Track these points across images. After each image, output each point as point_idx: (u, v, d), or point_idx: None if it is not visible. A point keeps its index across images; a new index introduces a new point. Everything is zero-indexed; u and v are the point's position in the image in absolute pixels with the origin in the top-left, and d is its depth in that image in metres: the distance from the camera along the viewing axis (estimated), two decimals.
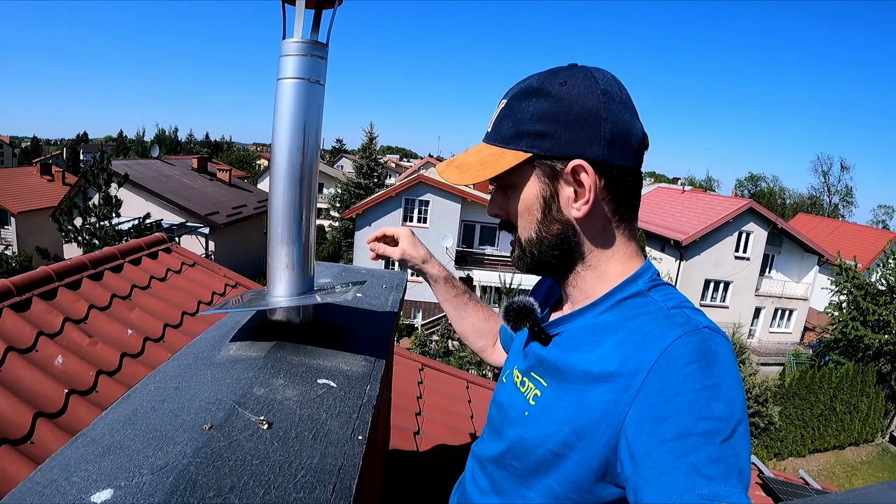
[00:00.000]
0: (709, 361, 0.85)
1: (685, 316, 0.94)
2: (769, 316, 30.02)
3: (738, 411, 0.81)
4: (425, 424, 3.38)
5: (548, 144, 1.01)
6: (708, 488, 0.72)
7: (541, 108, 1.01)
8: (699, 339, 0.88)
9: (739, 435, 0.79)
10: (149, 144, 56.18)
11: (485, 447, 1.25)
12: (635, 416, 0.86)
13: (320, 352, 1.31)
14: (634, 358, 0.90)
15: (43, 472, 0.83)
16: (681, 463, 0.76)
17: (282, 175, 1.28)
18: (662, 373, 0.86)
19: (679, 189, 38.26)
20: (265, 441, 0.94)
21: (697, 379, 0.83)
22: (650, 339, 0.91)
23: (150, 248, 4.09)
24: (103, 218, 18.03)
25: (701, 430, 0.78)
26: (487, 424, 1.31)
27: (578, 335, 1.06)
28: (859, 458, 20.95)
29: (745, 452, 0.79)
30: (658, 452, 0.79)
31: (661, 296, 1.02)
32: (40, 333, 2.75)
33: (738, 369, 0.89)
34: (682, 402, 0.81)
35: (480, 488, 1.23)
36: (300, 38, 1.26)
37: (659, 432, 0.81)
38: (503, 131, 1.05)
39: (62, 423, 2.40)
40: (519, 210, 1.09)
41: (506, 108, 1.06)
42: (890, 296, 22.67)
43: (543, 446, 1.02)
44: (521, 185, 1.06)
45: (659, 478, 0.77)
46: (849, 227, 41.35)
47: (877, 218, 69.25)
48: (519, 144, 1.03)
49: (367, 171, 36.85)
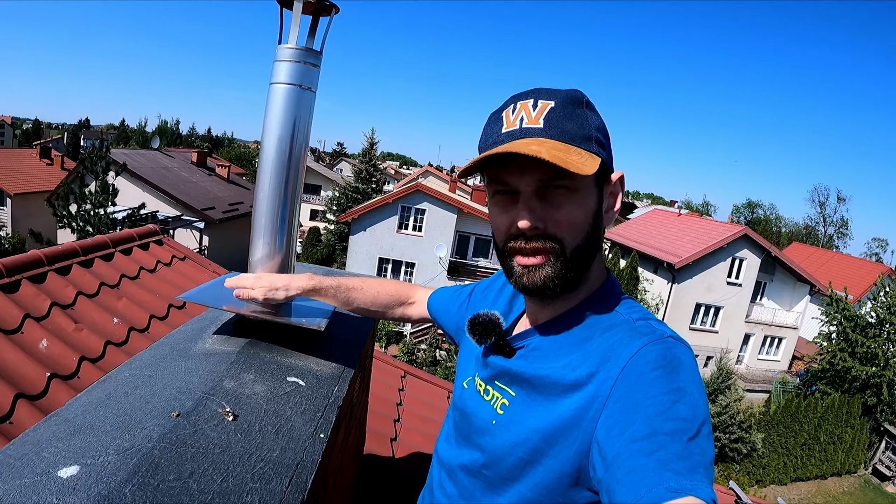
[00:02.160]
0: (673, 367, 0.90)
1: (650, 327, 0.99)
2: (758, 343, 30.00)
3: (701, 413, 0.85)
4: (403, 431, 3.40)
5: (605, 154, 1.05)
6: (675, 482, 0.75)
7: (596, 121, 1.05)
8: (664, 347, 0.93)
9: (704, 434, 0.83)
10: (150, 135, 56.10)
11: (453, 454, 1.26)
12: (606, 420, 0.90)
13: (293, 351, 1.35)
14: (603, 367, 0.95)
15: (15, 447, 0.87)
16: (649, 460, 0.79)
17: (267, 179, 1.32)
18: (630, 378, 0.90)
19: (675, 212, 38.34)
20: (229, 432, 0.97)
21: (663, 383, 0.88)
22: (618, 348, 0.95)
23: (142, 239, 4.11)
24: (99, 206, 17.98)
25: (668, 430, 0.82)
26: (452, 428, 1.31)
27: (545, 347, 1.09)
28: (841, 489, 20.96)
29: (709, 450, 0.83)
30: (627, 452, 0.82)
31: (626, 309, 1.07)
32: (27, 316, 2.77)
33: (700, 375, 0.94)
34: (650, 404, 0.85)
35: (449, 496, 1.24)
36: (294, 45, 1.30)
37: (628, 433, 0.84)
38: (570, 131, 1.00)
39: (42, 406, 2.41)
40: (576, 216, 1.03)
41: (561, 109, 1.01)
42: (879, 328, 22.76)
43: (514, 454, 1.04)
44: (583, 190, 1.03)
45: (629, 475, 0.80)
46: (842, 259, 41.47)
47: (870, 250, 69.52)
48: (591, 147, 1.02)
49: (366, 176, 36.74)
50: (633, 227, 35.47)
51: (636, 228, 34.20)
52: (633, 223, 36.87)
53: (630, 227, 35.74)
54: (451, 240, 26.96)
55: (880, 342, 22.31)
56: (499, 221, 1.08)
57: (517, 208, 1.03)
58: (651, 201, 61.64)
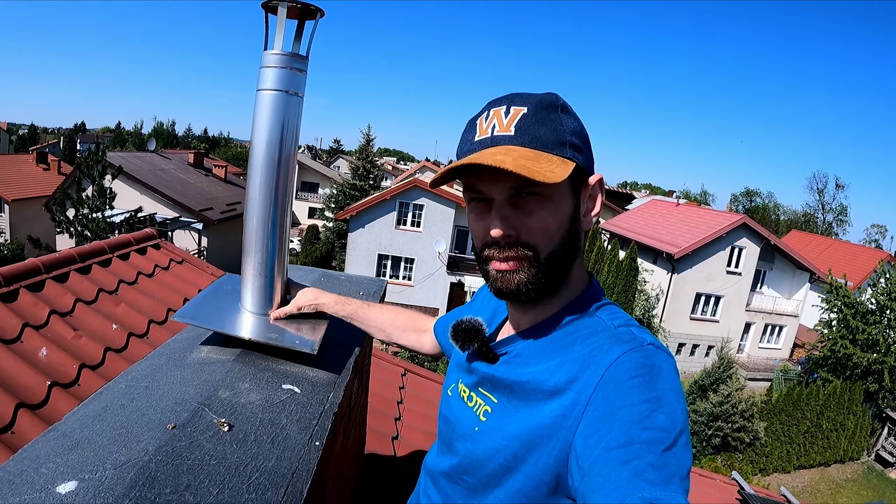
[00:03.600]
0: (652, 375, 0.89)
1: (631, 334, 0.99)
2: (759, 331, 30.06)
3: (679, 422, 0.85)
4: (404, 430, 3.41)
5: (582, 158, 1.04)
6: (649, 492, 0.75)
7: (573, 124, 1.04)
8: (644, 355, 0.92)
9: (681, 445, 0.83)
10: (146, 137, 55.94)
11: (436, 461, 1.27)
12: (584, 429, 0.90)
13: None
14: (583, 374, 0.94)
15: (14, 463, 0.88)
16: (624, 469, 0.79)
17: (257, 187, 1.32)
18: (609, 386, 0.90)
19: (674, 202, 38.30)
20: (224, 443, 0.98)
21: (641, 392, 0.87)
22: (597, 355, 0.95)
23: (140, 243, 4.10)
24: (96, 210, 17.97)
25: (644, 439, 0.81)
26: (438, 438, 1.32)
27: (527, 353, 1.09)
28: (844, 476, 21.02)
29: (686, 460, 0.83)
30: (603, 461, 0.82)
31: (608, 315, 1.06)
32: (26, 325, 2.77)
33: (680, 383, 0.93)
34: (627, 413, 0.85)
35: (433, 502, 1.25)
36: (280, 51, 1.30)
37: (605, 442, 0.84)
38: (541, 137, 1.01)
39: (43, 415, 2.42)
40: (549, 222, 1.02)
41: (533, 115, 1.02)
42: (879, 315, 22.81)
43: (494, 460, 1.04)
44: (557, 196, 1.02)
45: (604, 485, 0.80)
46: (841, 246, 41.43)
47: (870, 237, 69.43)
48: (564, 152, 1.01)
49: (364, 173, 36.70)
50: (631, 217, 35.47)
51: (634, 219, 34.20)
52: (632, 214, 36.87)
53: (628, 217, 35.73)
54: (450, 235, 26.97)
55: (881, 329, 22.36)
56: (475, 228, 1.09)
57: (490, 216, 1.04)
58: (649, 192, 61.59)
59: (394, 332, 1.62)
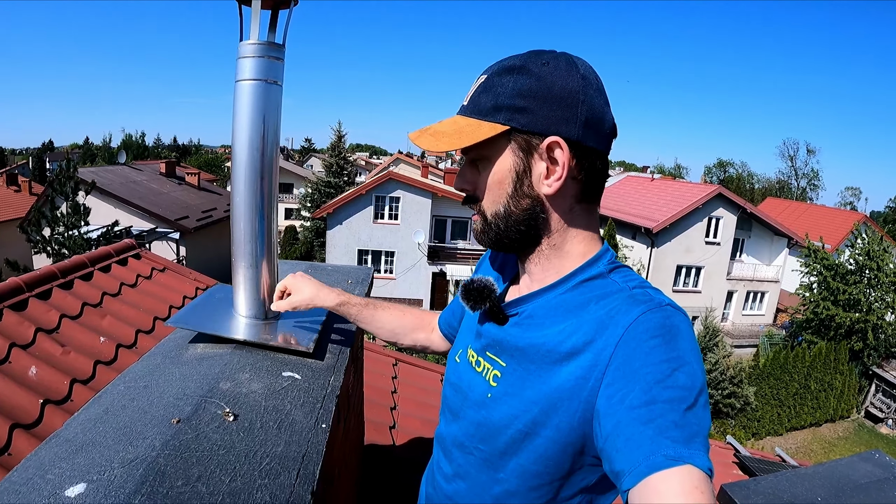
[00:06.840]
0: (672, 335, 0.90)
1: (647, 295, 0.98)
2: (741, 299, 30.37)
3: (699, 382, 0.86)
4: (401, 418, 3.41)
5: (525, 119, 1.01)
6: (672, 450, 0.78)
7: (521, 84, 1.01)
8: (662, 316, 0.92)
9: (701, 404, 0.85)
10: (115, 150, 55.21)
11: (447, 431, 1.26)
12: (606, 389, 0.90)
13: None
14: (601, 334, 0.94)
15: (19, 472, 0.87)
16: (647, 428, 0.81)
17: (242, 176, 1.32)
18: (629, 346, 0.90)
19: (648, 177, 38.55)
20: (231, 432, 0.98)
21: (662, 351, 0.88)
22: (615, 315, 0.95)
23: (120, 254, 4.07)
24: (72, 227, 17.76)
25: (666, 398, 0.83)
26: (444, 407, 1.31)
27: (540, 315, 1.08)
28: (836, 435, 21.36)
29: (706, 420, 0.84)
30: (627, 419, 0.84)
31: (621, 277, 1.05)
32: (13, 345, 2.75)
33: (697, 344, 0.94)
34: (648, 372, 0.86)
35: (446, 475, 1.24)
36: (256, 40, 1.30)
37: (627, 401, 0.85)
38: (481, 104, 1.04)
39: (38, 433, 2.40)
40: (489, 183, 1.07)
41: (485, 82, 1.05)
42: (859, 275, 23.13)
43: (513, 426, 1.04)
44: (495, 158, 1.05)
45: (627, 443, 0.82)
46: (817, 210, 41.91)
47: (844, 200, 70.50)
48: (497, 117, 1.02)
49: (337, 170, 36.59)
50: (607, 195, 35.54)
51: (611, 196, 34.32)
52: (608, 191, 36.97)
53: (605, 195, 34.57)
54: (428, 225, 26.90)
55: (861, 288, 22.68)
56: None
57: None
58: (623, 168, 61.76)
59: (402, 332, 1.58)
